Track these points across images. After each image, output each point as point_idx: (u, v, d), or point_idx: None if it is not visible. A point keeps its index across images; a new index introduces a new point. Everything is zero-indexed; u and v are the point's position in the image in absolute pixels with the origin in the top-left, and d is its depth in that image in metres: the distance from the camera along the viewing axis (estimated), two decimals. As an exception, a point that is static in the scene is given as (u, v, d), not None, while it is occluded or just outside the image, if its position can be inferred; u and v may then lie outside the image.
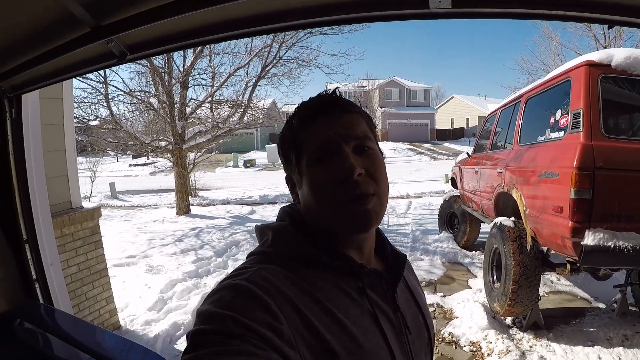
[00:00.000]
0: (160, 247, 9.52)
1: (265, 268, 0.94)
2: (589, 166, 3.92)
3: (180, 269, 7.74)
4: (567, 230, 4.02)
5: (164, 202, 18.72)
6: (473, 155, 8.55)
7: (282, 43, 14.17)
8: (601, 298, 6.34)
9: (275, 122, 22.54)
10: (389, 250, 1.21)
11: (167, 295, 6.52)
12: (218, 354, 0.75)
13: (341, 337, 0.90)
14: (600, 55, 4.37)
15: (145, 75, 13.70)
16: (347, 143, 1.02)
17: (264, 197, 18.61)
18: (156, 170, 40.48)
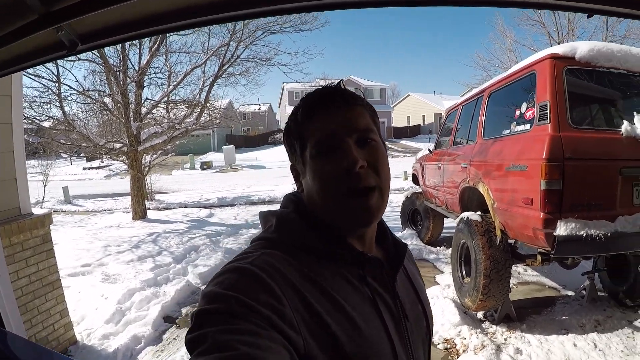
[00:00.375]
0: (117, 254, 9.18)
1: (269, 253, 0.97)
2: (558, 157, 3.96)
3: (137, 277, 7.48)
4: (539, 222, 4.05)
5: (119, 206, 18.31)
6: (435, 151, 8.57)
7: (239, 41, 14.01)
8: (569, 286, 6.46)
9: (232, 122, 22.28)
10: (390, 240, 1.23)
11: (125, 305, 6.27)
12: (222, 332, 0.77)
13: (342, 322, 0.92)
14: (564, 48, 4.44)
15: (99, 73, 13.26)
16: (349, 136, 1.04)
17: (222, 199, 18.44)
18: (111, 173, 39.77)
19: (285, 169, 24.99)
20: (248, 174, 34.26)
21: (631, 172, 4.16)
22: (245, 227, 12.27)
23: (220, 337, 0.76)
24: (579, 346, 4.70)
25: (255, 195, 18.87)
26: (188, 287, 7.11)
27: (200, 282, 7.47)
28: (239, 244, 10.10)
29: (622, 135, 4.19)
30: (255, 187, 23.27)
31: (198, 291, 7.09)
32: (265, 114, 71.42)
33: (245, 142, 59.84)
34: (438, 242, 9.62)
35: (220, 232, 11.49)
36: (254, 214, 14.55)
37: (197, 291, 7.10)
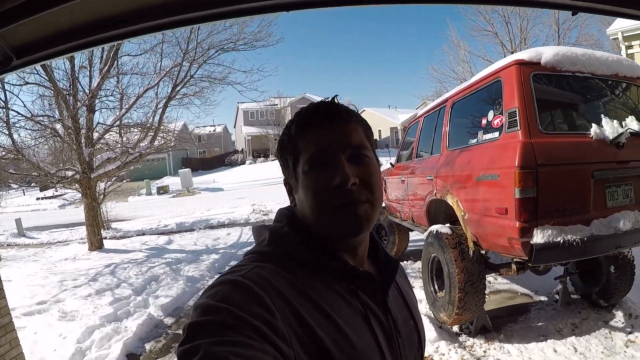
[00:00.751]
0: (73, 288, 8.73)
1: (262, 266, 0.97)
2: (531, 164, 3.91)
3: (96, 312, 7.09)
4: (515, 231, 3.99)
5: (75, 237, 17.59)
6: (397, 165, 8.53)
7: (192, 60, 13.76)
8: (541, 291, 6.48)
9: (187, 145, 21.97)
10: (382, 255, 1.23)
11: (85, 345, 5.91)
12: (214, 344, 0.77)
13: (334, 336, 0.92)
14: (530, 53, 4.43)
15: (48, 98, 12.83)
16: (343, 152, 1.05)
17: (181, 224, 18.03)
18: (65, 202, 38.75)
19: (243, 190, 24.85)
20: (206, 197, 33.93)
21: (603, 175, 4.18)
22: (206, 253, 11.99)
23: (213, 349, 0.76)
24: (560, 351, 4.69)
25: (214, 219, 18.55)
26: (150, 321, 6.81)
27: (162, 314, 7.19)
28: (200, 270, 9.84)
29: (592, 138, 4.21)
30: (214, 210, 23.00)
31: (161, 324, 6.86)
32: (221, 135, 71.21)
33: (202, 165, 59.53)
34: (405, 256, 9.55)
35: (181, 260, 11.19)
36: (214, 239, 14.34)
37: (160, 324, 6.86)
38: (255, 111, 59.69)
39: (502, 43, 28.56)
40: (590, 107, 4.84)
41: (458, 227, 5.28)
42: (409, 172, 7.41)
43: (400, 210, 8.11)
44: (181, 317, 7.18)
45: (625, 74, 4.74)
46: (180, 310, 7.51)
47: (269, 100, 52.83)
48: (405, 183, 7.51)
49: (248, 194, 30.34)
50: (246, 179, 43.16)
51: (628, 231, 4.13)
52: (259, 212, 19.96)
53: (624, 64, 4.77)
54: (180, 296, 8.10)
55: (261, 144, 60.38)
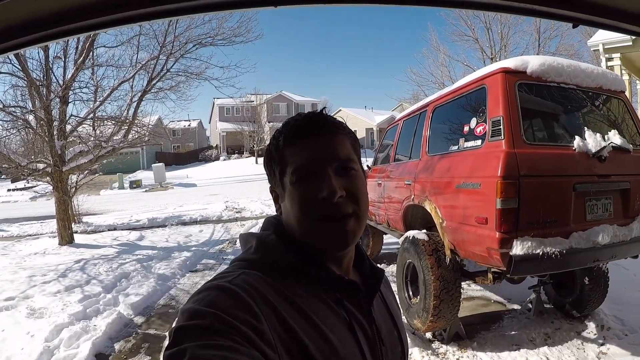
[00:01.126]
0: (43, 284, 8.48)
1: (248, 273, 0.98)
2: (513, 174, 3.87)
3: (65, 310, 6.87)
4: (495, 242, 3.94)
5: (45, 230, 17.16)
6: (373, 167, 8.49)
7: (169, 54, 13.49)
8: (514, 299, 6.51)
9: (161, 139, 21.66)
10: (368, 265, 1.25)
11: (54, 343, 5.72)
12: (200, 347, 0.78)
13: (318, 342, 0.94)
14: (516, 62, 4.39)
15: (21, 88, 12.49)
16: (330, 164, 1.07)
17: (153, 220, 17.77)
18: (37, 194, 37.83)
19: (216, 186, 24.67)
20: (179, 192, 33.71)
21: (584, 188, 4.17)
22: (178, 250, 11.82)
23: (199, 352, 0.77)
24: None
25: (186, 215, 18.35)
26: (120, 320, 6.64)
27: (132, 313, 7.03)
28: (171, 268, 9.68)
29: (575, 150, 4.20)
30: (187, 206, 22.76)
31: (131, 324, 6.71)
32: (196, 130, 70.82)
33: (176, 160, 59.09)
34: (378, 259, 9.52)
35: (152, 257, 11.00)
36: (186, 235, 14.19)
37: (130, 324, 6.70)
38: (231, 107, 59.41)
39: (482, 49, 28.88)
40: (574, 119, 4.84)
41: (435, 233, 5.24)
42: (386, 176, 7.37)
43: (375, 213, 8.06)
44: (151, 316, 7.04)
45: (609, 87, 4.77)
46: (150, 309, 7.36)
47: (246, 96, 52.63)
48: (382, 186, 7.47)
49: (221, 191, 30.22)
50: (220, 175, 43.01)
51: (606, 245, 4.14)
52: (232, 209, 19.79)
53: (609, 77, 4.79)
54: (151, 295, 7.94)
55: (236, 141, 60.20)
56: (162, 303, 7.67)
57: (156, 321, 6.76)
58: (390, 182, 7.07)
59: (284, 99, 62.71)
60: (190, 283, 8.78)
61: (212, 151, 62.37)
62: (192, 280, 9.03)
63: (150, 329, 6.46)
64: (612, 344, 4.97)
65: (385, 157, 8.01)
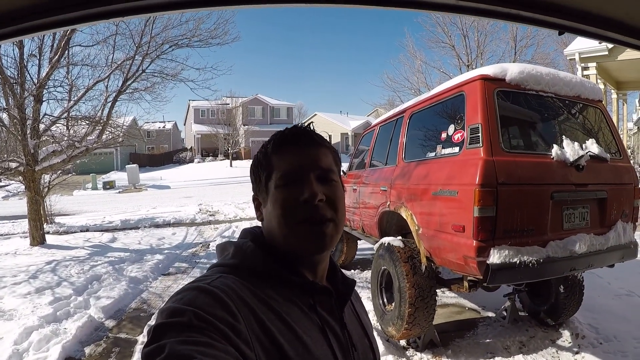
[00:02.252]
0: (13, 285, 8.33)
1: (226, 277, 1.03)
2: (491, 182, 3.84)
3: (35, 312, 6.74)
4: (472, 250, 3.90)
5: (17, 230, 16.82)
6: (349, 173, 8.45)
7: (145, 55, 13.37)
8: (489, 307, 6.53)
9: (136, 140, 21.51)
10: (340, 276, 1.30)
11: (23, 347, 5.61)
12: (179, 343, 0.80)
13: (294, 343, 0.98)
14: (495, 69, 4.37)
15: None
16: (313, 171, 1.14)
17: (126, 222, 17.55)
18: (9, 194, 37.15)
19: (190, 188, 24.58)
20: (152, 194, 33.44)
21: (562, 197, 4.18)
22: (151, 253, 11.67)
23: (178, 347, 0.79)
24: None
25: (160, 217, 18.20)
26: (91, 323, 6.50)
27: (103, 316, 6.89)
28: (144, 271, 9.53)
29: (553, 159, 4.19)
30: (160, 208, 22.61)
31: (102, 327, 6.57)
32: (170, 131, 70.71)
33: (150, 161, 58.74)
34: (352, 264, 9.52)
35: (124, 259, 10.87)
36: (159, 238, 14.02)
37: (101, 327, 6.57)
38: (206, 109, 59.26)
39: (458, 56, 29.17)
40: (552, 127, 4.84)
41: (410, 240, 5.22)
42: (361, 181, 7.33)
43: (350, 219, 8.03)
44: (122, 320, 6.92)
45: (587, 96, 4.80)
46: (122, 313, 7.24)
47: (221, 99, 52.46)
48: (357, 192, 7.44)
49: (195, 193, 30.10)
50: (194, 178, 42.85)
51: (583, 254, 4.15)
52: (205, 212, 19.70)
53: (587, 86, 4.81)
54: (123, 298, 7.82)
55: (211, 143, 60.00)
56: (134, 307, 7.55)
57: (127, 325, 6.64)
58: (365, 187, 7.04)
59: (260, 102, 62.71)
60: (162, 286, 8.65)
61: (186, 153, 62.18)
62: (164, 283, 8.89)
63: (121, 332, 6.34)
64: (586, 352, 5.00)
65: (360, 163, 7.99)
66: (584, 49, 12.75)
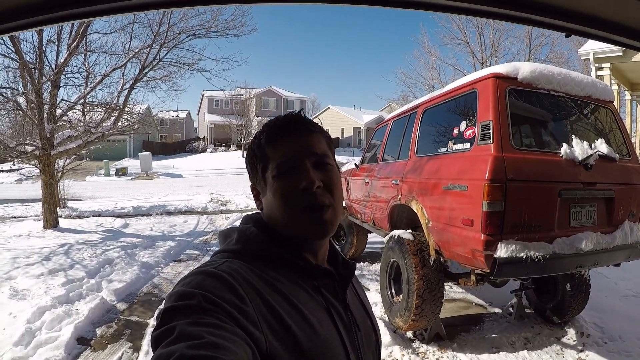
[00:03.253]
0: (26, 267, 8.45)
1: (232, 261, 1.05)
2: (501, 178, 3.91)
3: (48, 293, 6.85)
4: (480, 244, 3.98)
5: (30, 213, 17.03)
6: (361, 166, 8.51)
7: (162, 44, 13.45)
8: (495, 303, 6.56)
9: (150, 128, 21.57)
10: (340, 260, 1.32)
11: (36, 325, 5.70)
12: (189, 324, 0.82)
13: (300, 324, 1.00)
14: (507, 68, 4.43)
15: (13, 70, 12.37)
16: (308, 159, 1.17)
17: (138, 208, 17.68)
18: (22, 177, 37.67)
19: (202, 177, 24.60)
20: (164, 182, 33.61)
21: (569, 195, 4.21)
22: (162, 239, 11.80)
23: (187, 328, 0.81)
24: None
25: (172, 205, 18.29)
26: (103, 305, 6.62)
27: (115, 299, 7.02)
28: (155, 257, 9.68)
29: (562, 157, 4.25)
30: (172, 196, 22.74)
31: (114, 309, 6.70)
32: (184, 121, 70.62)
33: (162, 149, 58.88)
34: (362, 257, 9.58)
35: (136, 244, 10.98)
36: (170, 225, 14.17)
37: (113, 309, 6.70)
38: (220, 100, 59.31)
39: (473, 53, 29.02)
40: (562, 126, 4.89)
41: (420, 233, 5.29)
42: (373, 175, 7.38)
43: (361, 211, 8.11)
44: (134, 303, 7.04)
45: (598, 96, 4.83)
46: (133, 296, 7.36)
47: (235, 90, 52.50)
48: (369, 185, 7.49)
49: (207, 182, 30.18)
50: (206, 167, 42.93)
51: (589, 252, 4.18)
52: (217, 201, 19.79)
53: (598, 87, 4.84)
54: (135, 282, 7.94)
55: (223, 133, 60.05)
56: (145, 291, 7.68)
57: (139, 308, 6.76)
58: (377, 181, 7.10)
59: (274, 94, 62.67)
60: (173, 272, 8.77)
61: (199, 143, 62.21)
62: (175, 269, 9.02)
63: (133, 315, 6.45)
64: (591, 350, 5.03)
65: (373, 157, 8.03)
66: (598, 49, 12.62)
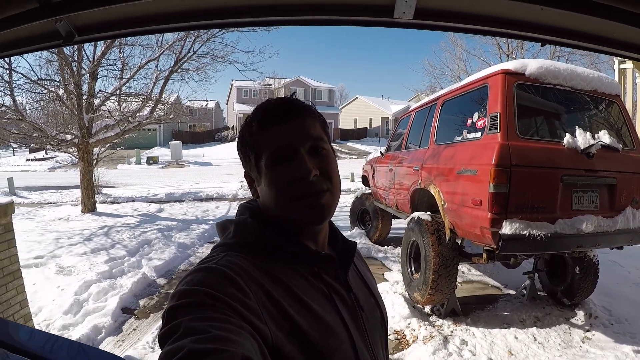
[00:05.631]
0: (69, 246, 8.96)
1: (230, 254, 1.04)
2: (506, 163, 4.32)
3: (93, 269, 7.32)
4: (487, 221, 4.39)
5: (65, 199, 17.69)
6: (386, 154, 8.86)
7: (196, 37, 13.74)
8: (510, 285, 6.84)
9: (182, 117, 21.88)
10: (340, 240, 1.32)
11: (83, 297, 6.18)
12: (194, 320, 0.82)
13: (303, 313, 0.99)
14: (516, 64, 4.82)
15: (53, 63, 12.92)
16: (303, 145, 1.12)
17: (170, 194, 18.20)
18: (55, 165, 38.11)
19: (231, 166, 24.71)
20: (194, 170, 33.88)
21: (571, 180, 4.57)
22: (196, 223, 12.21)
23: (193, 324, 0.81)
24: (520, 339, 5.06)
25: (203, 192, 18.73)
26: (144, 280, 7.11)
27: (155, 274, 7.50)
28: (191, 238, 10.13)
29: (564, 146, 4.60)
30: (203, 183, 23.16)
31: (154, 284, 7.19)
32: (212, 110, 70.53)
33: (192, 138, 58.92)
34: (386, 241, 9.87)
35: (172, 227, 11.44)
36: (203, 210, 14.58)
37: (153, 284, 7.19)
38: (248, 89, 59.13)
39: (499, 45, 28.75)
40: (567, 118, 5.21)
41: (438, 215, 5.68)
42: (397, 162, 7.76)
43: (385, 197, 8.47)
44: (172, 278, 7.49)
45: (604, 90, 5.15)
46: (172, 273, 7.81)
47: (264, 80, 52.59)
48: (393, 172, 7.87)
49: (236, 171, 29.97)
50: (235, 156, 42.52)
51: (590, 233, 4.51)
52: (247, 188, 19.63)
53: (604, 81, 5.16)
54: (173, 260, 8.38)
55: (252, 123, 59.96)
56: (183, 268, 8.12)
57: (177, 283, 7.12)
58: (400, 167, 7.48)
59: (302, 84, 62.34)
60: (208, 253, 9.08)
61: (228, 132, 62.00)
62: (210, 250, 9.33)
63: (172, 289, 6.70)
64: (597, 330, 5.30)
65: (397, 145, 8.39)
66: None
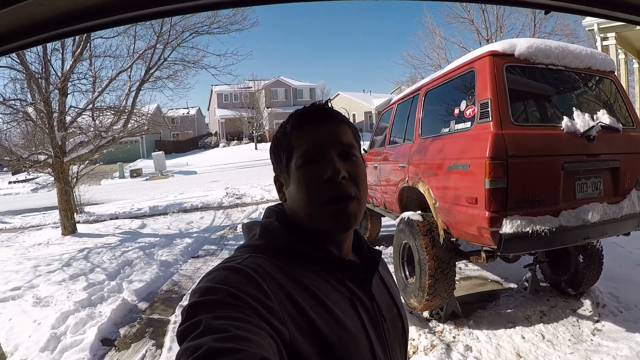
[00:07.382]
0: (47, 274, 8.62)
1: (255, 256, 1.05)
2: (501, 155, 3.92)
3: (71, 298, 6.99)
4: (485, 221, 4.01)
5: (48, 221, 17.20)
6: (370, 150, 8.57)
7: (166, 43, 13.62)
8: (511, 278, 6.58)
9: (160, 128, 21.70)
10: (366, 248, 1.30)
11: (60, 330, 5.84)
12: (214, 318, 0.83)
13: (324, 317, 0.99)
14: (503, 45, 4.43)
15: (20, 81, 12.60)
16: (334, 148, 1.13)
17: (154, 208, 17.85)
18: (38, 186, 37.91)
19: (216, 173, 24.71)
20: (179, 180, 33.76)
21: (573, 167, 4.21)
22: (180, 237, 11.94)
23: (213, 322, 0.82)
24: (527, 338, 4.77)
25: (187, 202, 18.47)
26: (124, 306, 6.77)
27: (136, 298, 7.17)
28: (174, 255, 9.81)
29: (563, 130, 4.25)
30: (187, 193, 22.94)
31: (135, 309, 6.84)
32: (194, 117, 71.04)
33: (175, 147, 59.24)
34: (377, 241, 9.64)
35: (154, 244, 11.13)
36: (187, 222, 14.32)
37: (134, 309, 6.84)
38: (229, 94, 59.45)
39: (477, 30, 28.78)
40: (563, 99, 4.88)
41: (429, 214, 5.31)
42: (382, 159, 7.44)
43: (372, 196, 8.15)
44: (155, 301, 7.18)
45: (598, 67, 4.80)
46: (154, 295, 7.50)
47: (243, 83, 52.52)
48: (378, 169, 7.54)
49: (221, 177, 30.32)
50: (220, 162, 43.07)
51: (596, 223, 4.19)
52: (232, 195, 19.86)
53: (598, 58, 4.81)
54: (154, 281, 8.08)
55: (235, 127, 60.29)
56: (165, 289, 7.80)
57: (160, 306, 6.89)
58: (385, 164, 7.15)
59: (282, 84, 62.66)
60: (192, 269, 8.91)
61: (211, 138, 62.49)
62: (194, 265, 9.15)
63: (154, 314, 6.59)
64: (607, 320, 5.04)
65: (381, 140, 8.08)
66: (602, 20, 12.45)
